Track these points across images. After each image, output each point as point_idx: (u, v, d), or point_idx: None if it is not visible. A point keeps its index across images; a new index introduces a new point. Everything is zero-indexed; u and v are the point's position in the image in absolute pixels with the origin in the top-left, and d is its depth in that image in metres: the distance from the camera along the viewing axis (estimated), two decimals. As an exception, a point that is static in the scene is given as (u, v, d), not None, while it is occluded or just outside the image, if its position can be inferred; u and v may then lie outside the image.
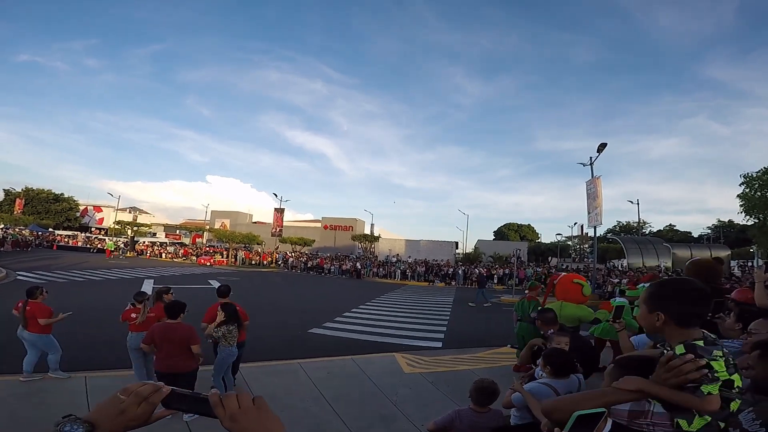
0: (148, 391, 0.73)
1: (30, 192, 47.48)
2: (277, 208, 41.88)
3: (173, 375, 4.56)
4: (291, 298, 18.01)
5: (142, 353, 5.49)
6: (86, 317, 10.16)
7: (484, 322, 14.19)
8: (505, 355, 8.30)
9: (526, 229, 65.38)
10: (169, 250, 41.03)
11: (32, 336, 5.68)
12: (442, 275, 31.87)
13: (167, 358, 4.62)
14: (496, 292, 24.97)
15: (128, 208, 57.41)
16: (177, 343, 4.61)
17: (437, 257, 38.40)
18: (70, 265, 24.26)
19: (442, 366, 7.35)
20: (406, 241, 46.78)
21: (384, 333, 10.86)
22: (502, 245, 45.12)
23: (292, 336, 9.88)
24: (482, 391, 2.99)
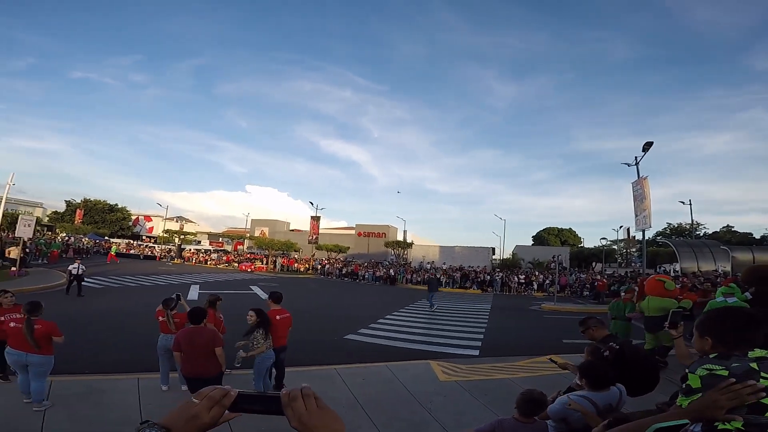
0: (220, 394, 0.76)
1: (88, 203, 51.35)
2: (314, 216, 42.78)
3: (199, 379, 4.67)
4: (327, 304, 18.24)
5: (169, 355, 5.72)
6: (137, 320, 10.81)
7: (524, 330, 13.73)
8: (547, 364, 7.97)
9: (567, 233, 62.73)
10: (212, 257, 42.93)
11: (42, 359, 4.84)
12: (478, 282, 31.20)
13: (193, 363, 4.73)
14: (536, 300, 24.12)
15: (175, 218, 60.72)
16: (201, 348, 4.70)
17: (473, 263, 37.64)
18: (124, 272, 25.88)
19: (479, 374, 7.16)
20: (440, 248, 46.25)
21: (418, 340, 10.73)
22: (541, 251, 43.59)
23: (329, 342, 9.99)
24: (530, 401, 2.89)
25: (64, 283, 18.62)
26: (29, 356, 4.78)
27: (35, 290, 15.89)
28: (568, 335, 11.90)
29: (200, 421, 0.76)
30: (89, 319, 11.19)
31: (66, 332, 7.77)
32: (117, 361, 7.21)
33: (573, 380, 3.07)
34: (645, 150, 19.66)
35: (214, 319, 6.20)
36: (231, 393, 0.78)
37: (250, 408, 0.79)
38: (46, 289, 16.61)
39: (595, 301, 24.17)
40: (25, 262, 20.94)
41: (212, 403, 0.76)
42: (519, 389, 5.28)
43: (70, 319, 10.77)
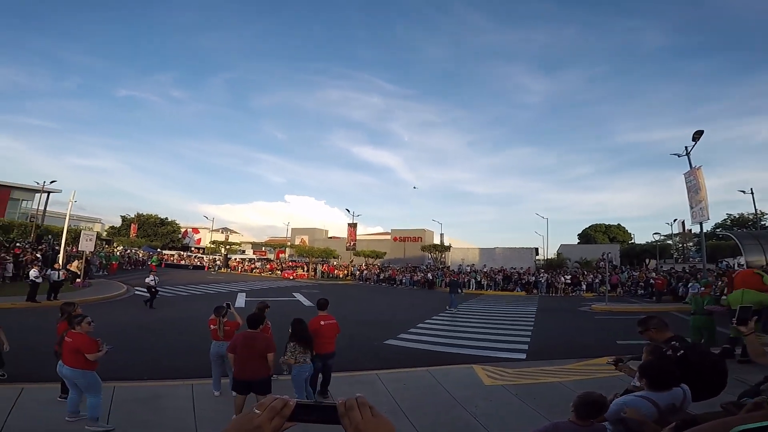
0: (280, 405, 0.77)
1: (141, 217, 54.99)
2: (350, 223, 43.31)
3: (249, 382, 4.83)
4: (366, 309, 18.32)
5: (221, 361, 5.95)
6: (190, 328, 11.35)
7: (573, 332, 13.09)
8: (600, 366, 7.52)
9: (615, 229, 59.35)
10: (257, 266, 44.53)
11: (73, 372, 4.69)
12: (522, 284, 30.19)
13: (246, 365, 4.89)
14: (586, 301, 22.97)
15: (221, 229, 63.50)
16: (255, 352, 4.87)
17: (516, 265, 36.46)
18: (176, 281, 27.33)
19: (526, 378, 6.87)
20: (479, 250, 45.21)
21: (460, 344, 10.50)
22: (589, 249, 41.51)
23: (369, 347, 9.99)
24: (589, 403, 2.73)
25: (124, 293, 20.02)
26: (63, 368, 4.71)
27: (98, 300, 17.15)
28: (622, 336, 11.30)
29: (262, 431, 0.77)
30: (146, 327, 11.88)
31: (125, 340, 8.25)
32: (173, 368, 7.56)
33: (630, 382, 2.86)
34: (695, 139, 18.32)
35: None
36: (290, 403, 0.79)
37: (307, 418, 0.79)
38: (107, 299, 17.87)
39: (651, 300, 22.65)
40: (88, 274, 22.67)
41: (273, 413, 0.77)
42: (570, 393, 5.00)
43: (126, 327, 11.50)
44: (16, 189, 39.17)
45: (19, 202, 40.34)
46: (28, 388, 5.62)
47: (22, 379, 6.01)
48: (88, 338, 4.73)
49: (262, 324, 5.21)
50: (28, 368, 5.43)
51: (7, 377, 6.25)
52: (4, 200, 38.04)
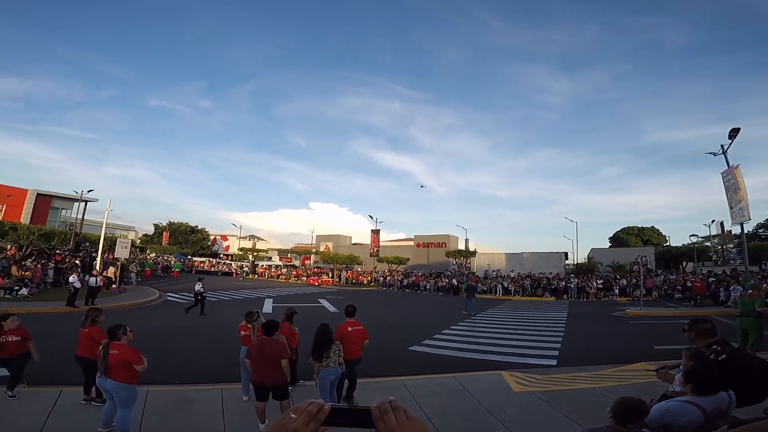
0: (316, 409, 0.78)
1: (173, 225, 56.98)
2: (374, 230, 43.44)
3: (266, 387, 4.87)
4: (390, 315, 18.21)
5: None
6: (220, 333, 11.59)
7: (607, 338, 12.59)
8: (637, 372, 7.17)
9: (649, 232, 56.97)
10: (283, 272, 45.24)
11: (117, 386, 4.55)
12: (551, 289, 29.36)
13: (262, 372, 4.94)
14: (620, 305, 22.07)
15: (248, 236, 64.97)
16: (270, 358, 4.90)
17: (544, 270, 35.54)
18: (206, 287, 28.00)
19: (558, 384, 6.62)
20: (506, 255, 44.31)
21: (488, 350, 10.26)
22: (621, 252, 39.98)
23: (393, 353, 9.89)
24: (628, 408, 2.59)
25: (157, 299, 20.71)
26: (106, 381, 4.56)
27: (132, 305, 17.81)
28: (659, 341, 10.88)
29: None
30: (177, 332, 12.22)
31: (158, 344, 8.47)
32: (203, 372, 7.71)
33: (669, 387, 2.69)
34: (732, 137, 17.43)
35: (289, 331, 6.46)
36: (325, 407, 0.79)
37: (341, 421, 0.79)
38: (142, 304, 18.52)
39: (690, 304, 21.54)
40: (123, 280, 23.61)
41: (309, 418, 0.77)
42: (605, 399, 4.78)
43: (160, 332, 11.87)
44: (57, 198, 41.34)
45: (59, 211, 42.54)
46: (66, 390, 5.83)
47: (62, 381, 6.21)
48: (135, 350, 4.64)
49: (277, 331, 5.24)
50: (67, 371, 5.64)
51: (48, 380, 6.49)
52: (45, 209, 40.34)
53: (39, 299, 16.95)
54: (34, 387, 6.10)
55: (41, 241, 23.18)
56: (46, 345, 8.70)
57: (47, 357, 6.64)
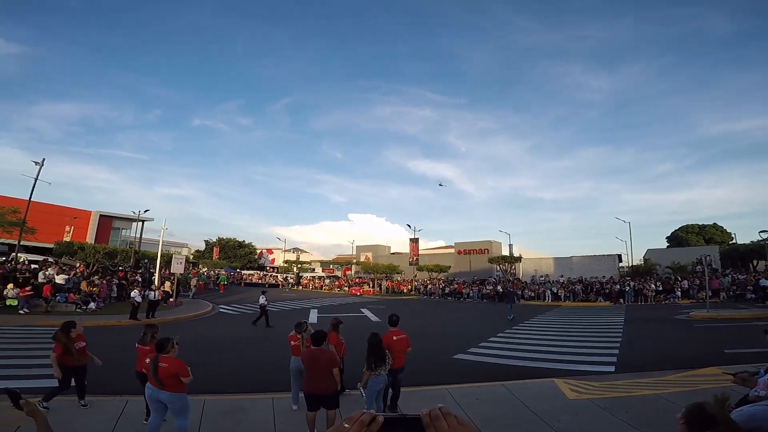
0: (368, 419, 0.78)
1: (222, 241, 59.95)
2: (412, 239, 43.30)
3: (317, 396, 4.93)
4: (432, 323, 17.96)
5: (300, 376, 6.05)
6: (270, 343, 11.95)
7: (670, 343, 11.69)
8: (706, 377, 6.59)
9: (711, 229, 52.49)
10: (326, 283, 46.10)
11: (172, 396, 4.68)
12: (605, 293, 27.76)
13: (313, 381, 5.02)
14: (683, 308, 20.45)
15: (292, 249, 66.93)
16: (321, 367, 4.98)
17: (596, 274, 33.74)
18: (255, 299, 29.10)
19: (616, 391, 6.22)
20: (554, 259, 42.51)
21: (538, 358, 9.86)
22: (681, 252, 37.13)
23: (438, 362, 9.73)
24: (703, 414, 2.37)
25: (210, 311, 21.72)
26: (160, 393, 4.66)
27: (189, 318, 18.80)
28: (730, 345, 10.06)
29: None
30: (229, 341, 12.72)
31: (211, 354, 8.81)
32: (255, 381, 7.92)
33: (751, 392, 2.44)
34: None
35: (336, 340, 6.55)
36: (379, 418, 0.78)
37: (392, 430, 0.78)
38: (196, 316, 19.49)
39: (764, 305, 19.55)
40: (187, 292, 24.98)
41: (362, 427, 0.77)
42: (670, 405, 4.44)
43: (213, 342, 12.43)
44: (117, 219, 45.05)
45: (120, 231, 46.36)
46: (132, 400, 6.11)
47: (128, 391, 6.46)
48: (182, 362, 4.74)
49: (325, 341, 5.32)
50: (132, 381, 5.85)
51: (113, 389, 6.85)
52: (107, 229, 44.16)
53: (105, 313, 18.26)
54: (102, 396, 6.48)
55: (105, 259, 25.15)
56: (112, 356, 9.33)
57: (114, 367, 7.09)
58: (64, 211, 39.30)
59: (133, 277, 25.37)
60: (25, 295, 17.02)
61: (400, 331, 6.21)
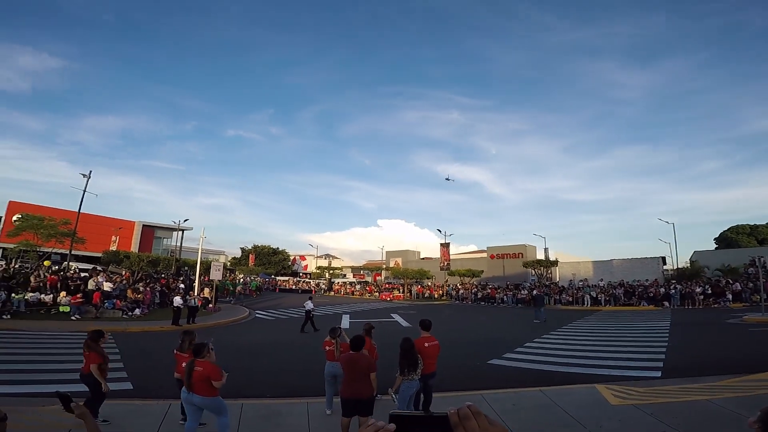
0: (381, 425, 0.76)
1: (257, 248, 61.70)
2: (443, 243, 42.85)
3: (355, 400, 4.93)
4: (466, 328, 17.67)
5: (334, 381, 6.19)
6: (304, 348, 12.13)
7: (723, 347, 10.99)
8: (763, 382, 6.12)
9: (765, 229, 48.82)
10: (356, 288, 46.49)
11: (204, 400, 4.82)
12: (649, 297, 26.40)
13: (351, 386, 5.02)
14: (735, 312, 19.13)
15: (324, 255, 67.90)
16: (360, 372, 4.99)
17: (639, 277, 32.14)
18: (288, 304, 29.71)
19: (664, 397, 5.87)
20: (593, 263, 40.84)
21: (577, 363, 9.49)
22: (731, 254, 34.74)
23: (471, 367, 9.55)
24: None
25: (247, 316, 22.32)
26: (193, 396, 4.76)
27: (227, 323, 19.39)
28: None
29: None
30: (266, 346, 13.03)
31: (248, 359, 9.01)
32: (290, 386, 8.04)
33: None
34: None
35: (369, 345, 6.57)
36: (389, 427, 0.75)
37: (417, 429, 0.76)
38: (234, 322, 20.06)
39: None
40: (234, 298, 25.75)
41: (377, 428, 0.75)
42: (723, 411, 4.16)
43: (250, 347, 12.75)
44: (158, 228, 47.63)
45: (162, 240, 48.92)
46: (175, 404, 6.17)
47: (169, 395, 6.53)
48: (216, 366, 4.85)
49: (363, 346, 5.34)
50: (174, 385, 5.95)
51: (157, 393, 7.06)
52: (150, 238, 46.85)
53: (149, 319, 19.14)
54: (147, 400, 6.72)
55: (149, 267, 26.46)
56: (155, 361, 9.78)
57: (159, 372, 7.42)
58: (110, 222, 41.79)
59: (175, 284, 26.52)
60: (77, 302, 18.08)
61: (431, 337, 6.17)
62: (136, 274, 25.80)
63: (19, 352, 10.50)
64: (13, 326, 14.14)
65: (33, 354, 10.41)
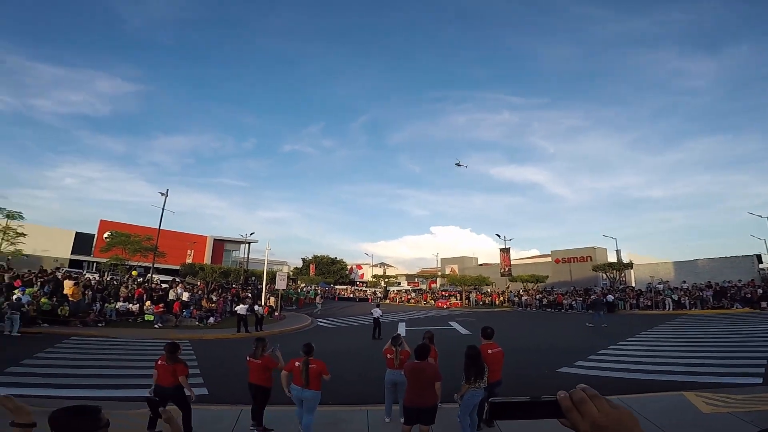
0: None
1: (317, 258, 63.82)
2: (502, 249, 41.34)
3: (419, 409, 4.85)
4: (531, 336, 16.81)
5: (394, 389, 6.15)
6: (363, 356, 12.25)
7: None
8: None
9: None
10: (412, 296, 46.25)
11: (315, 394, 5.37)
12: (743, 298, 23.43)
13: (416, 394, 4.95)
14: None
15: (379, 264, 68.54)
16: (424, 381, 4.90)
17: (729, 277, 28.73)
18: (348, 313, 30.30)
19: (766, 404, 5.13)
20: (673, 263, 37.16)
21: (661, 370, 8.66)
22: None
23: (539, 375, 9.07)
24: None
25: (309, 324, 23.08)
26: (305, 391, 5.27)
27: (291, 330, 20.16)
28: None
29: None
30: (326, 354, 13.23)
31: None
32: (350, 393, 8.02)
33: None
34: None
35: (433, 353, 6.49)
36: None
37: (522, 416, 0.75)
38: (298, 329, 20.80)
39: None
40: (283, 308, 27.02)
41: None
42: None
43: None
44: (228, 242, 51.85)
45: (231, 252, 53.14)
46: (246, 409, 6.27)
47: (240, 401, 6.66)
48: (325, 363, 5.50)
49: (429, 354, 5.27)
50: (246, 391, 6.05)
51: (229, 399, 7.24)
52: (221, 251, 51.26)
53: (222, 327, 20.36)
54: (221, 405, 6.86)
55: (221, 278, 28.41)
56: (227, 368, 10.22)
57: (230, 378, 7.80)
58: (185, 237, 45.73)
59: (244, 294, 28.20)
60: (159, 312, 19.80)
61: (494, 344, 5.99)
62: (209, 285, 27.81)
63: (111, 357, 11.42)
64: (107, 333, 15.67)
65: (123, 360, 11.28)
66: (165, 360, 5.61)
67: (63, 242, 41.16)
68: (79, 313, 17.31)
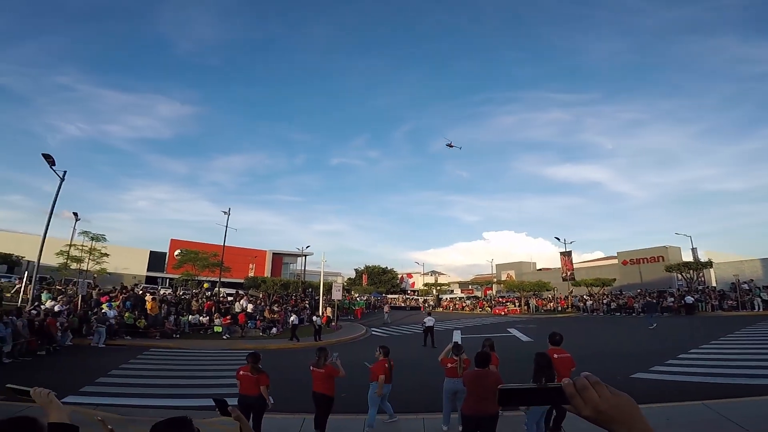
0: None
1: (369, 268, 64.70)
2: (563, 252, 39.38)
3: (479, 417, 4.78)
4: (600, 341, 15.85)
5: (454, 398, 6.10)
6: (420, 364, 12.20)
7: None
8: None
9: None
10: (466, 304, 45.22)
11: (388, 387, 6.54)
12: None
13: (477, 402, 4.87)
14: None
15: (430, 272, 67.96)
16: (487, 389, 4.80)
17: (832, 273, 25.18)
18: (401, 321, 30.33)
19: None
20: (761, 261, 33.28)
21: (751, 374, 7.91)
22: None
23: (612, 382, 7.73)
24: None
25: (364, 334, 23.39)
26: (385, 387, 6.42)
27: (347, 340, 20.56)
28: None
29: None
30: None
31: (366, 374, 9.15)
32: (407, 401, 7.88)
33: None
34: None
35: (495, 361, 6.42)
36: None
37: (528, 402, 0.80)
38: (353, 339, 21.17)
39: None
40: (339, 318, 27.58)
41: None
42: None
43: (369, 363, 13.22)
44: (286, 255, 54.55)
45: (288, 265, 55.75)
46: (309, 418, 6.28)
47: (303, 409, 6.74)
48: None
49: (489, 362, 5.22)
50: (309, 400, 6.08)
51: (291, 407, 7.07)
52: (279, 264, 54.45)
53: (284, 336, 21.11)
54: (284, 414, 6.89)
55: (281, 290, 29.72)
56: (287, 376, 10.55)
57: (291, 386, 8.02)
58: (246, 252, 48.46)
59: (302, 305, 29.25)
60: (227, 323, 21.06)
61: (562, 350, 5.84)
62: (271, 297, 29.18)
63: (187, 368, 12.12)
64: (181, 345, 16.84)
65: (196, 369, 11.98)
66: (249, 370, 5.66)
67: (139, 260, 45.36)
68: (156, 326, 18.88)
